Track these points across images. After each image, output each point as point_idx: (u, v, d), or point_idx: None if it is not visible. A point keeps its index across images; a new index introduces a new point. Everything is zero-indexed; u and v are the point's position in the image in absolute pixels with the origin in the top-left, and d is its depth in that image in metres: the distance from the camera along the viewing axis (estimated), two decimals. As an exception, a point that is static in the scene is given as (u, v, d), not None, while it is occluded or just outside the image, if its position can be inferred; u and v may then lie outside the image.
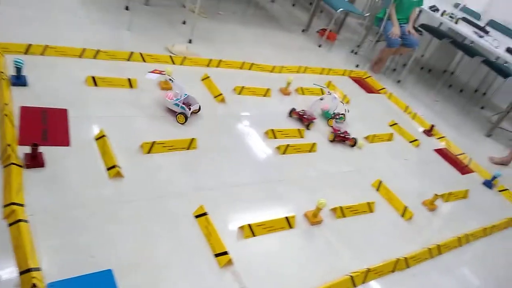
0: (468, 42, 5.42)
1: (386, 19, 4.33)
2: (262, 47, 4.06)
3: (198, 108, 2.60)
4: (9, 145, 1.78)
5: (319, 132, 3.04)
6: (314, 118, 3.06)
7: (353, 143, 3.00)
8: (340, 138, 2.98)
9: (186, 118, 2.47)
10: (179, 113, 2.48)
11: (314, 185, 2.49)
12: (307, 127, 2.99)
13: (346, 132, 3.02)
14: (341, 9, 4.59)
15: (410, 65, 4.71)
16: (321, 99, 3.12)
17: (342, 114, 3.23)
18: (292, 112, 3.05)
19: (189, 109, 2.49)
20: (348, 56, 4.88)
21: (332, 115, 3.21)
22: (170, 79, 2.52)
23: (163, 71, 2.49)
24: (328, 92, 3.24)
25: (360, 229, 2.31)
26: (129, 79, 2.62)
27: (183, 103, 2.50)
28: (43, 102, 2.20)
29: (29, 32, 2.69)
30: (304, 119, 3.00)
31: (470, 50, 5.14)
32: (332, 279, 1.90)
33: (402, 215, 2.54)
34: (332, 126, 3.09)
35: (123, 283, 1.53)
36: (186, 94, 2.55)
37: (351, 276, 1.93)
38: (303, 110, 3.05)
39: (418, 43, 4.43)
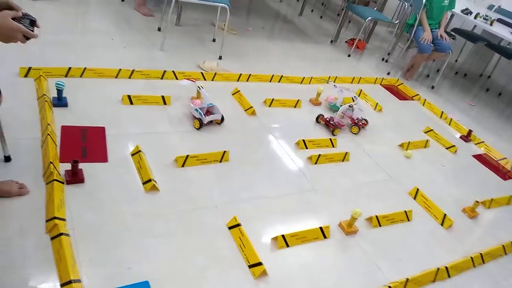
0: (505, 44, 5.24)
1: (417, 25, 4.26)
2: (291, 60, 4.09)
3: (220, 118, 2.65)
4: (51, 163, 1.88)
5: (351, 141, 3.01)
6: (342, 125, 3.05)
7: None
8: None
9: (201, 124, 2.55)
10: (196, 119, 2.56)
11: (348, 195, 2.46)
12: (333, 132, 2.98)
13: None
14: (369, 17, 4.57)
15: (444, 70, 4.59)
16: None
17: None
18: (319, 118, 3.06)
19: (207, 116, 2.57)
20: (379, 64, 4.83)
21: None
22: (199, 87, 2.65)
23: (195, 79, 2.65)
24: (334, 85, 3.26)
25: (397, 239, 2.25)
26: (162, 96, 2.71)
27: (206, 111, 2.61)
28: (82, 121, 2.31)
29: (69, 57, 2.85)
30: (331, 125, 2.99)
31: (508, 52, 4.97)
32: (369, 289, 1.86)
33: (442, 224, 2.45)
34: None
35: (160, 294, 1.57)
36: (211, 104, 2.65)
37: (389, 286, 1.88)
38: (330, 117, 3.05)
39: (450, 47, 4.33)
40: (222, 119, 2.67)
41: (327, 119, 3.03)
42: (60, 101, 2.37)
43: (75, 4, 3.73)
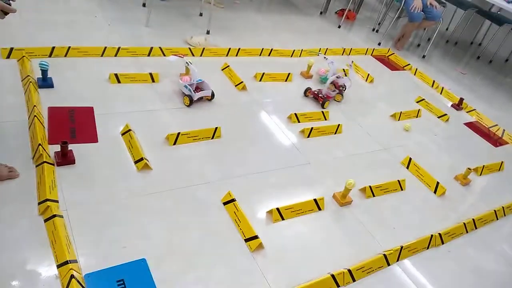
0: (496, 10, 5.20)
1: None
2: (281, 33, 4.02)
3: (210, 94, 2.61)
4: (40, 145, 1.84)
5: (343, 113, 2.99)
6: (330, 97, 3.02)
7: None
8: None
9: (191, 100, 2.51)
10: (186, 95, 2.52)
11: (342, 166, 2.46)
12: (323, 106, 2.95)
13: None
14: (359, -13, 4.47)
15: (435, 39, 4.56)
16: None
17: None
18: (307, 92, 3.02)
19: (196, 92, 2.53)
20: (369, 34, 4.77)
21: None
22: (187, 62, 2.60)
23: (183, 55, 2.61)
24: (324, 57, 3.19)
25: (391, 208, 2.27)
26: (150, 74, 2.66)
27: (196, 88, 2.57)
28: (69, 102, 2.26)
29: (52, 36, 2.77)
30: (320, 98, 2.96)
31: (498, 18, 4.93)
32: (365, 258, 1.88)
33: (435, 192, 2.48)
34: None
35: (157, 271, 1.57)
36: (200, 80, 2.61)
37: (384, 254, 1.91)
38: (318, 89, 3.02)
39: (441, 15, 4.28)
40: (213, 95, 2.63)
41: (316, 92, 3.00)
42: (45, 82, 2.31)
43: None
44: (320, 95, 2.98)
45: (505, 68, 5.19)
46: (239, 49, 3.32)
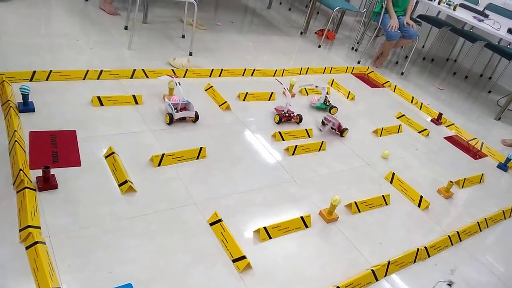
0: (468, 28, 5.40)
1: (384, 13, 4.33)
2: (263, 53, 4.08)
3: (194, 115, 2.62)
4: (21, 170, 1.81)
5: (327, 130, 3.03)
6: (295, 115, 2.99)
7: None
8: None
9: (171, 119, 2.53)
10: (167, 113, 2.55)
11: (327, 183, 2.48)
12: (299, 122, 2.99)
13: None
14: (337, 7, 4.61)
15: (412, 56, 4.69)
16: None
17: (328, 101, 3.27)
18: (282, 119, 2.92)
19: (178, 111, 2.56)
20: (349, 53, 4.88)
21: (328, 104, 3.25)
22: (176, 83, 2.62)
23: (173, 75, 2.67)
24: (316, 86, 3.23)
25: (377, 223, 2.28)
26: (134, 96, 2.65)
27: (182, 108, 2.61)
28: (51, 126, 2.24)
29: (33, 60, 2.75)
30: (294, 118, 2.96)
31: (471, 36, 5.12)
32: (353, 275, 1.88)
33: (419, 205, 2.51)
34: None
35: (144, 295, 1.54)
36: (187, 101, 2.64)
37: (372, 270, 1.91)
38: (285, 112, 2.94)
39: (417, 34, 4.42)
40: (197, 117, 2.63)
41: (286, 115, 2.92)
42: (26, 106, 2.28)
43: (35, 6, 3.60)
44: (292, 115, 2.94)
45: (480, 82, 5.36)
46: (222, 69, 3.36)
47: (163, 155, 2.21)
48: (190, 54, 3.53)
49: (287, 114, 2.95)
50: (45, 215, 1.72)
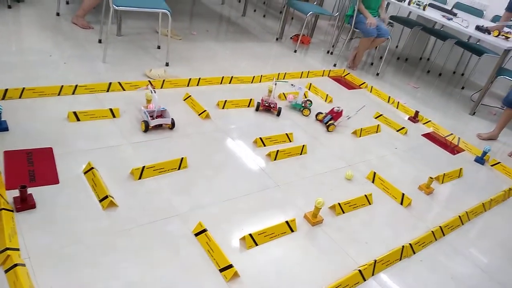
0: (439, 27, 5.53)
1: (357, 15, 4.40)
2: (239, 60, 4.09)
3: (170, 122, 2.61)
4: (-3, 191, 1.76)
5: (307, 134, 3.05)
6: (276, 104, 3.18)
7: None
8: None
9: (147, 126, 2.53)
10: (143, 121, 2.55)
11: (310, 186, 2.49)
12: (278, 115, 3.13)
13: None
14: (310, 12, 4.66)
15: (386, 57, 4.78)
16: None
17: (309, 100, 3.37)
18: (259, 107, 3.15)
19: (153, 119, 2.56)
20: (325, 57, 4.94)
21: (303, 105, 3.33)
22: (151, 91, 2.64)
23: (148, 86, 2.74)
24: (292, 84, 3.35)
25: (361, 223, 2.30)
26: (111, 109, 2.62)
27: (158, 116, 2.62)
28: (26, 144, 2.18)
29: (5, 78, 2.69)
30: (273, 108, 3.13)
31: (442, 34, 5.25)
32: (341, 276, 1.88)
33: (401, 203, 2.54)
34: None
35: (130, 312, 1.50)
36: (164, 108, 2.65)
37: (359, 270, 1.92)
38: (266, 102, 3.15)
39: (389, 33, 4.51)
40: (173, 123, 2.62)
41: (265, 104, 3.14)
42: (-1, 125, 2.22)
43: (4, 23, 3.52)
44: (271, 105, 3.13)
45: (453, 79, 5.49)
46: (199, 78, 3.35)
47: (143, 167, 2.18)
48: (167, 64, 3.51)
49: (266, 104, 3.08)
50: (24, 236, 1.67)
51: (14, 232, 1.66)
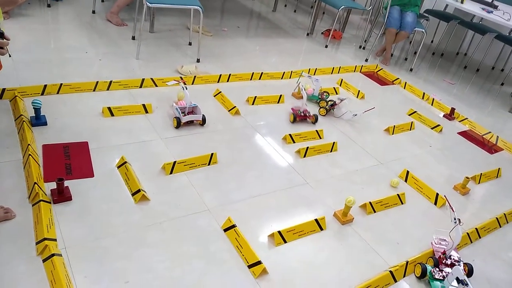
0: (477, 20, 5.32)
1: (390, 5, 4.32)
2: (270, 56, 4.08)
3: (201, 118, 2.63)
4: (35, 183, 1.83)
5: (337, 130, 3.01)
6: (310, 112, 3.04)
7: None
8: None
9: (179, 122, 2.55)
10: (174, 117, 2.58)
11: (340, 184, 2.46)
12: (315, 123, 3.00)
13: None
14: (342, 6, 4.58)
15: (421, 52, 4.64)
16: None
17: (326, 92, 3.32)
18: (296, 118, 2.96)
19: (185, 115, 2.59)
20: (357, 52, 4.85)
21: (320, 96, 3.28)
22: (183, 87, 2.66)
23: (181, 81, 2.73)
24: (308, 76, 3.28)
25: (393, 222, 2.25)
26: (143, 105, 2.67)
27: (189, 112, 2.64)
28: (63, 138, 2.26)
29: (44, 75, 2.79)
30: (309, 117, 3.00)
31: (481, 28, 5.04)
32: (371, 276, 1.85)
33: (435, 203, 2.47)
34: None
35: (161, 304, 1.53)
36: (195, 104, 2.68)
37: (390, 271, 1.88)
38: (301, 112, 2.99)
39: (413, 27, 4.38)
40: (204, 120, 2.64)
41: (301, 115, 2.97)
42: (38, 120, 2.31)
43: (43, 21, 3.66)
44: (305, 114, 2.99)
45: (492, 75, 5.28)
46: (230, 74, 3.36)
47: (174, 162, 2.21)
48: (198, 60, 3.54)
49: (302, 114, 2.96)
50: (60, 227, 1.73)
51: (52, 223, 1.72)
